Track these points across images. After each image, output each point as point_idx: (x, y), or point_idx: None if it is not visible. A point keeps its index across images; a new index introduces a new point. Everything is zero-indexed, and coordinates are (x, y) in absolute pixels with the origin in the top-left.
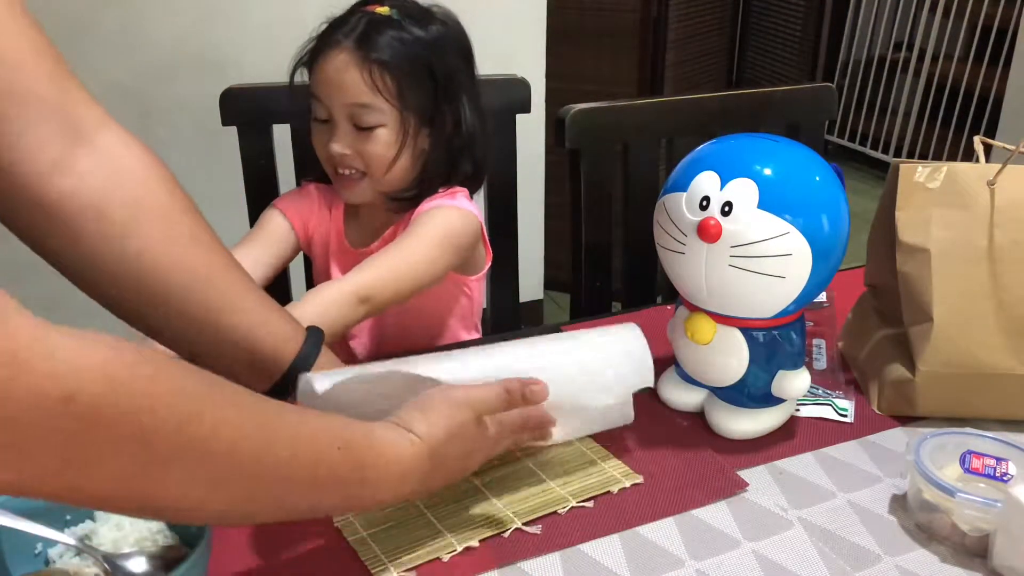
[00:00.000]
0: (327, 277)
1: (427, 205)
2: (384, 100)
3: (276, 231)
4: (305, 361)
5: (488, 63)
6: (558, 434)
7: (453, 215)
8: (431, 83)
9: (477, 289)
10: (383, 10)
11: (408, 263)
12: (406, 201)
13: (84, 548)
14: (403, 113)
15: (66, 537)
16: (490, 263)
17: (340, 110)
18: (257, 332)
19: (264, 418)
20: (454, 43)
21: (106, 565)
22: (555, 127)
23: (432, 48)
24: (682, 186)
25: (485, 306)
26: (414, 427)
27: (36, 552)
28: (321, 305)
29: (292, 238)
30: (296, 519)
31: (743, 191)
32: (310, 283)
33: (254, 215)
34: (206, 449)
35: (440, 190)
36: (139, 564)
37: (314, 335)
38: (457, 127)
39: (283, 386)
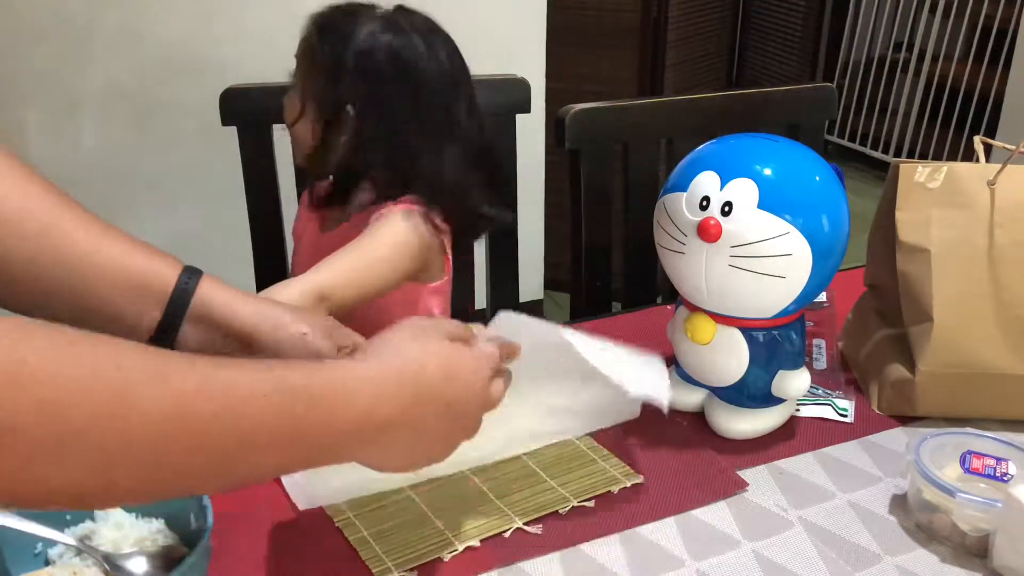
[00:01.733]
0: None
1: (378, 212)
2: (300, 81)
3: None
4: (191, 280)
5: (488, 63)
6: (563, 424)
7: (400, 221)
8: (335, 77)
9: (437, 304)
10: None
11: (365, 261)
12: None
13: (84, 548)
14: (304, 101)
15: (66, 537)
16: (449, 276)
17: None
18: (130, 259)
19: (145, 376)
20: (387, 48)
21: (106, 565)
22: (555, 127)
23: (358, 46)
24: (682, 186)
25: (484, 306)
26: (379, 348)
27: (36, 552)
28: None
29: None
30: (244, 484)
31: (743, 191)
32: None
33: (254, 215)
34: (57, 429)
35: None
36: (139, 564)
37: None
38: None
39: (173, 315)
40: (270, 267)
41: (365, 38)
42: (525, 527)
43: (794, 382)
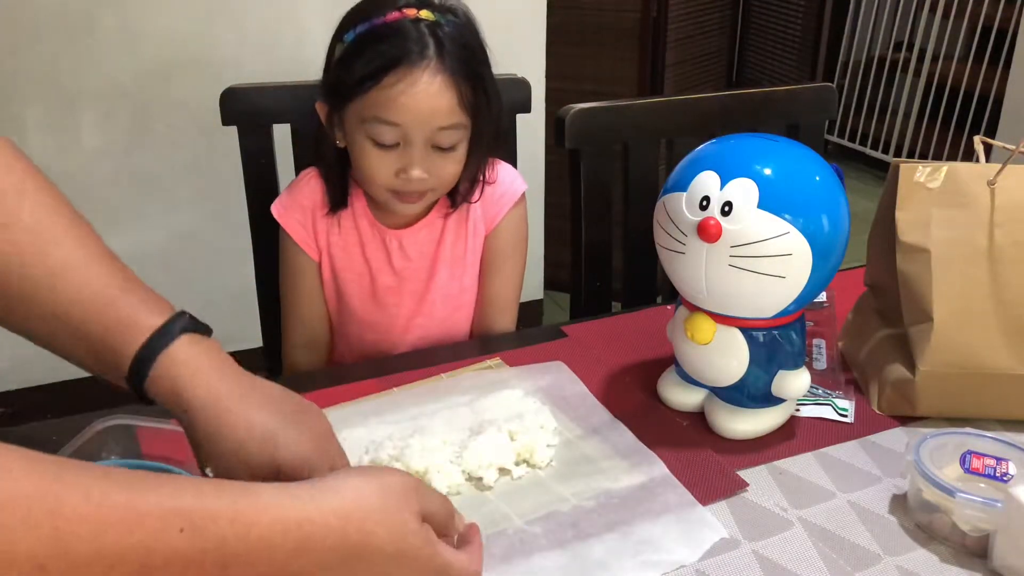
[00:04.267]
0: (359, 265)
1: (508, 202)
2: (466, 116)
3: (313, 276)
4: (157, 343)
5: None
6: None
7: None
8: (485, 80)
9: None
10: (426, 15)
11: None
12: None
13: None
14: (473, 123)
15: None
16: None
17: (423, 134)
18: (101, 307)
19: (56, 502)
20: (476, 27)
21: None
22: (555, 127)
23: (479, 44)
24: (682, 186)
25: None
26: (324, 491)
27: None
28: None
29: (317, 269)
30: None
31: (743, 191)
32: None
33: (254, 215)
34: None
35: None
36: None
37: (183, 319)
38: (497, 111)
39: (135, 379)
40: (270, 267)
41: (474, 31)
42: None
43: (794, 382)
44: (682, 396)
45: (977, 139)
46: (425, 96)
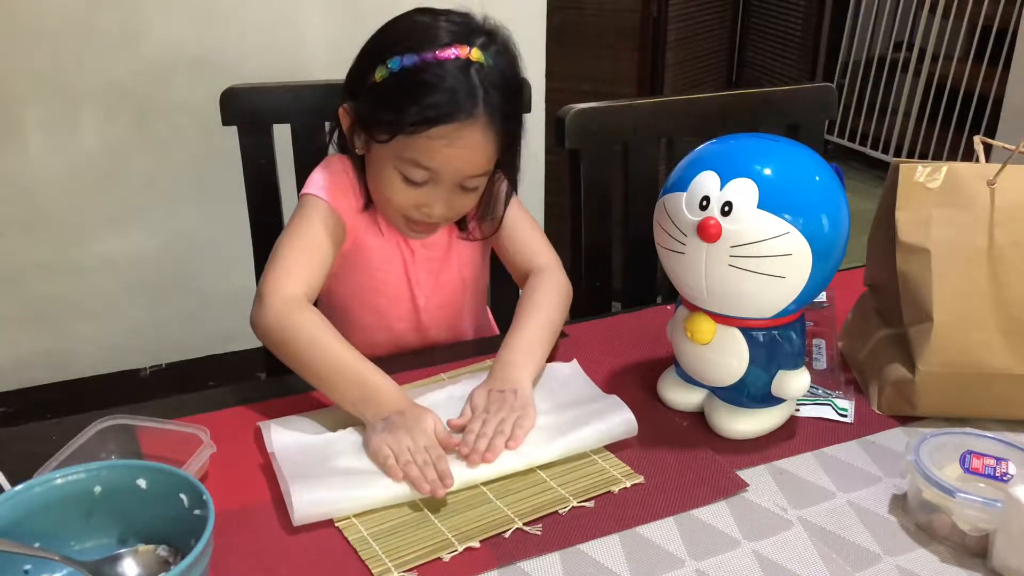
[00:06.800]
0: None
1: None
2: (493, 162)
3: (339, 237)
4: None
5: None
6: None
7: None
8: (519, 121)
9: None
10: (477, 56)
11: None
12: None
13: (65, 560)
14: (498, 163)
15: (50, 553)
16: None
17: (454, 180)
18: None
19: None
20: (516, 56)
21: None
22: (555, 127)
23: (519, 81)
24: (682, 186)
25: (487, 304)
26: None
27: (26, 569)
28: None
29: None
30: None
31: (743, 191)
32: None
33: (254, 215)
34: None
35: None
36: (131, 567)
37: None
38: (518, 149)
39: None
40: None
41: (518, 75)
42: (525, 527)
43: (794, 382)
44: (682, 396)
45: (977, 139)
46: (467, 152)
